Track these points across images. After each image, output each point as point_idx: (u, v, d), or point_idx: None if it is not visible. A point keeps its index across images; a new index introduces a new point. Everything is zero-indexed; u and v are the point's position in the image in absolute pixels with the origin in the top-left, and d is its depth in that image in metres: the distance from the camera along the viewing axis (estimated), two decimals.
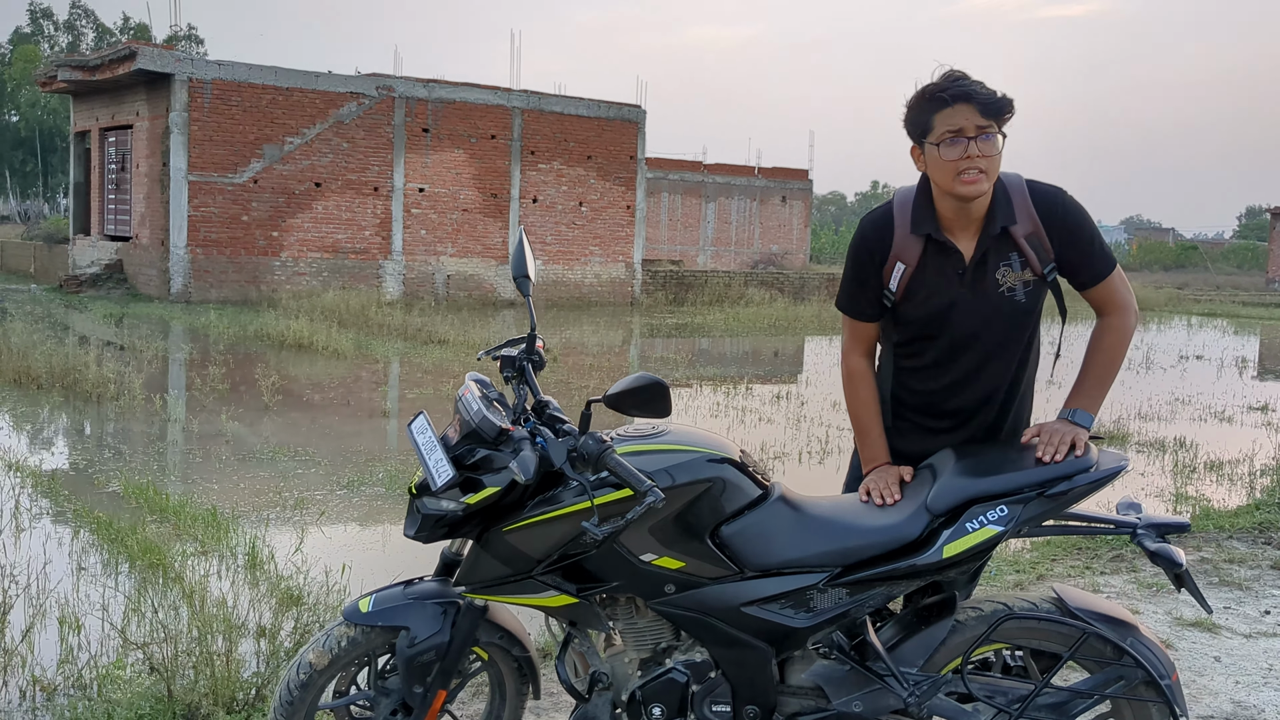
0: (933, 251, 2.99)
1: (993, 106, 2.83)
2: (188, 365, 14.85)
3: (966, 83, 2.85)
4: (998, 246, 2.97)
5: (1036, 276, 3.00)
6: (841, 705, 2.92)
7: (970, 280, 2.99)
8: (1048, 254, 2.97)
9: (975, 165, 2.83)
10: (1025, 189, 2.99)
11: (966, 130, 2.83)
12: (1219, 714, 4.23)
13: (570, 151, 29.62)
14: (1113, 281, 3.03)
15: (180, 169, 24.19)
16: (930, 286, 3.01)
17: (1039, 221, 2.96)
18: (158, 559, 5.91)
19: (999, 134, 2.86)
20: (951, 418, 3.16)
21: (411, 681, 3.04)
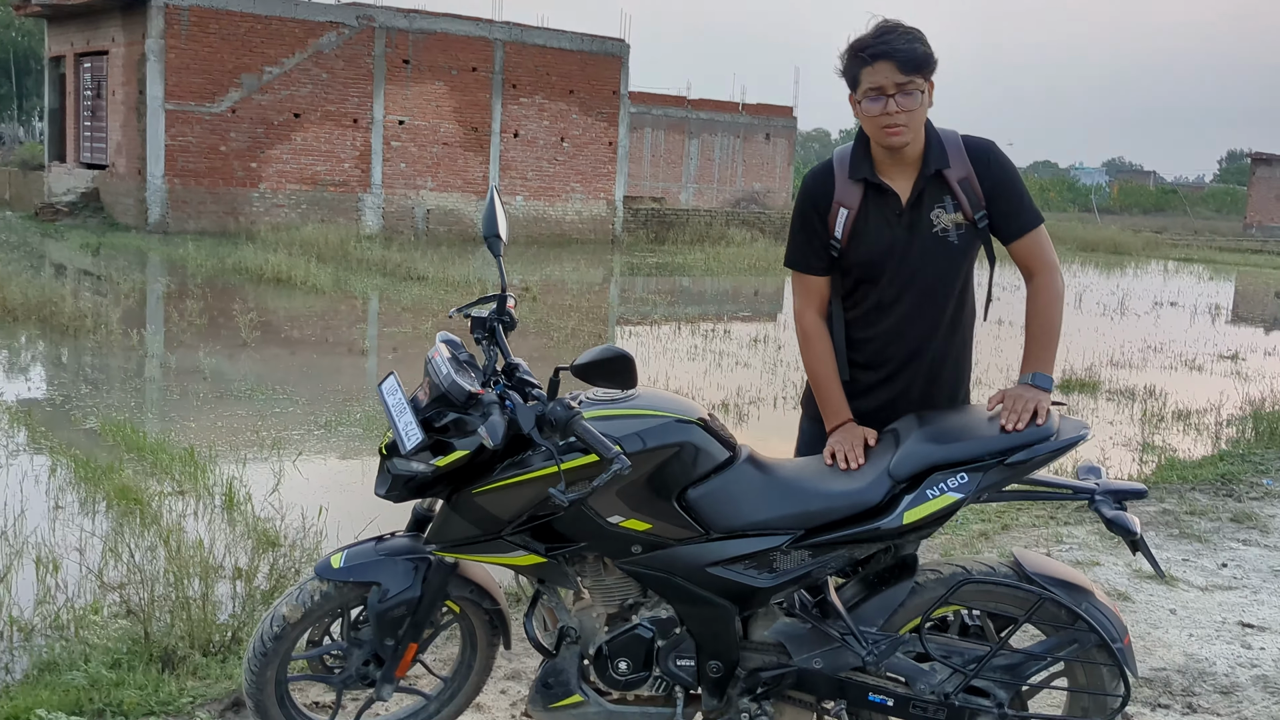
0: (872, 195, 3.11)
1: (911, 64, 2.94)
2: (165, 299, 14.78)
3: (887, 40, 2.95)
4: (932, 189, 3.09)
5: (968, 221, 3.11)
6: (802, 662, 3.01)
7: (908, 221, 3.11)
8: (979, 200, 3.09)
9: (895, 121, 2.96)
10: (959, 138, 3.13)
11: (886, 88, 2.95)
12: (1171, 666, 4.36)
13: (552, 85, 29.31)
14: (1040, 235, 3.16)
15: (157, 97, 23.84)
16: (872, 228, 3.12)
17: (971, 168, 3.08)
18: (135, 499, 5.96)
19: (920, 89, 2.97)
20: (891, 366, 3.21)
21: (383, 635, 3.11)
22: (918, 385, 3.22)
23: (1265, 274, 31.97)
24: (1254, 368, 13.69)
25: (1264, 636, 4.69)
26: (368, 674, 3.18)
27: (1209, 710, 4.00)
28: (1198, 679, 4.25)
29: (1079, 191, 78.83)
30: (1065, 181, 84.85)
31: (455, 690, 3.40)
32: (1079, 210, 69.04)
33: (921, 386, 3.22)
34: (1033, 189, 77.36)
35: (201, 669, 3.97)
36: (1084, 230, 41.64)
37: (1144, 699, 4.05)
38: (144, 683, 3.78)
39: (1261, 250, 41.61)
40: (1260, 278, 30.71)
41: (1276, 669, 4.38)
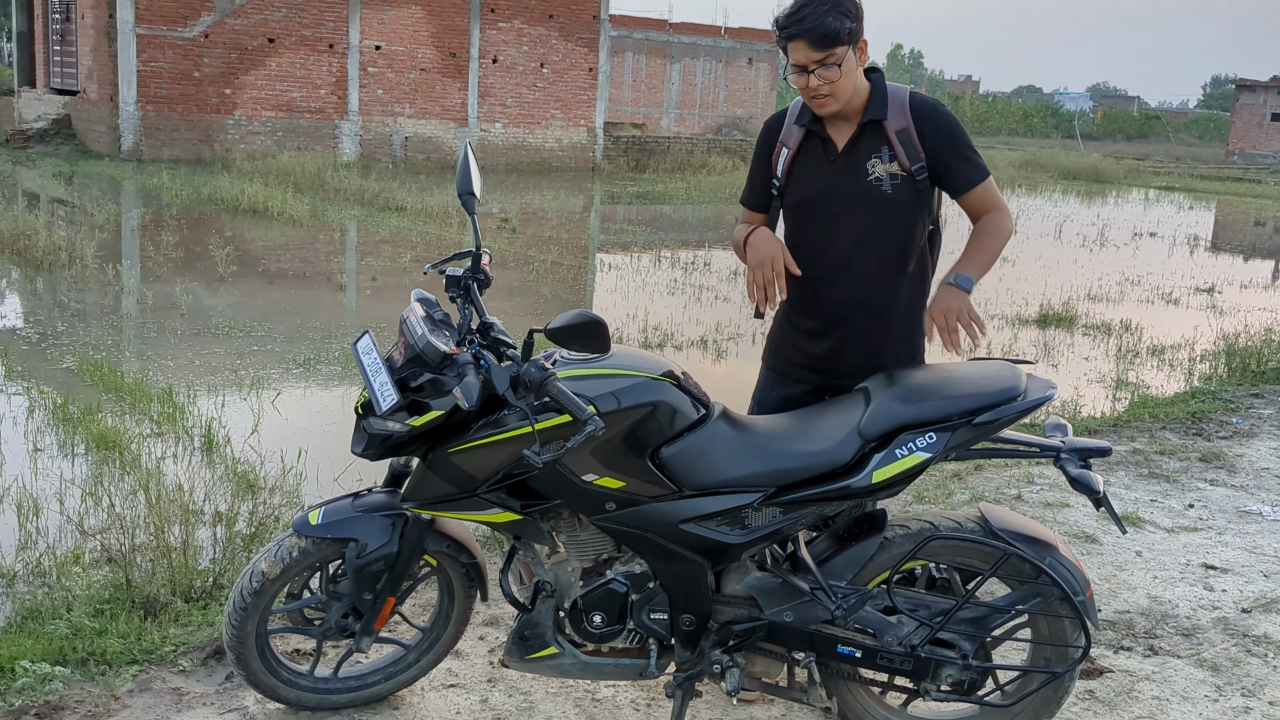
0: (813, 140, 3.23)
1: (824, 40, 3.00)
2: (141, 230, 14.65)
3: (799, 18, 3.01)
4: (870, 139, 3.16)
5: (905, 173, 3.16)
6: (773, 615, 3.07)
7: (842, 167, 3.19)
8: (917, 153, 3.14)
9: (818, 93, 3.07)
10: (906, 94, 3.19)
11: (806, 64, 3.04)
12: (1135, 609, 4.46)
13: (531, 10, 28.87)
14: (987, 186, 3.21)
15: (127, 21, 23.38)
16: (807, 171, 3.24)
17: (911, 122, 3.14)
18: (114, 442, 5.97)
19: (837, 61, 3.03)
20: (829, 313, 3.27)
21: (361, 589, 3.16)
22: (860, 334, 3.25)
23: (1245, 202, 32.06)
24: (1230, 301, 13.79)
25: (1225, 578, 4.80)
26: (347, 626, 3.24)
27: (1170, 652, 4.11)
28: (1160, 621, 4.36)
29: (1063, 117, 78.48)
30: (1049, 107, 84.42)
31: (434, 640, 3.46)
32: (1062, 137, 68.78)
33: (865, 336, 3.25)
34: (1016, 115, 77.14)
35: (183, 616, 4.01)
36: (1066, 158, 41.53)
37: (1107, 641, 4.16)
38: (126, 631, 3.82)
39: (1242, 178, 41.66)
40: (1240, 206, 30.80)
41: (1236, 611, 4.49)
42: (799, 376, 3.40)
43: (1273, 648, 4.17)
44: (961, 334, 3.09)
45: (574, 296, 12.05)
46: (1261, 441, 6.96)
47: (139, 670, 3.61)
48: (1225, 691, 3.84)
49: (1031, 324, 11.38)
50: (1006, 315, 11.77)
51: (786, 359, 3.41)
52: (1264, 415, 7.62)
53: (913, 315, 3.30)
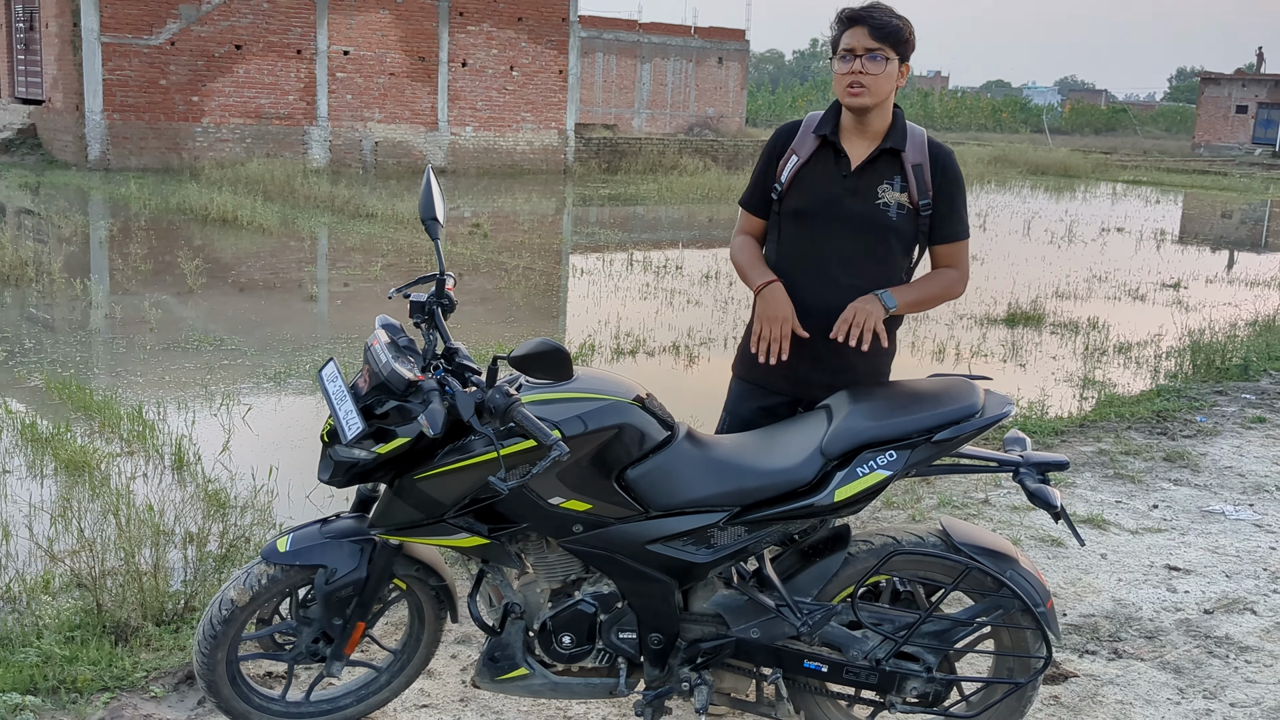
0: (826, 152, 3.30)
1: (881, 31, 3.15)
2: (109, 242, 14.56)
3: (868, 9, 3.19)
4: (885, 165, 3.26)
5: (912, 205, 3.26)
6: (740, 632, 3.11)
7: (853, 184, 3.26)
8: (927, 189, 3.25)
9: (859, 80, 3.16)
10: (925, 135, 3.30)
11: (856, 49, 3.16)
12: (1100, 612, 4.53)
13: (500, 12, 28.84)
14: (963, 247, 3.35)
15: (92, 29, 23.21)
16: (814, 181, 3.29)
17: (928, 160, 3.26)
18: (84, 463, 5.95)
19: (888, 58, 3.17)
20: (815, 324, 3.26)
21: (331, 615, 3.18)
22: (837, 349, 3.25)
23: (1212, 195, 32.40)
24: (1195, 297, 13.95)
25: (1188, 580, 4.88)
26: (318, 651, 3.25)
27: (1134, 655, 4.17)
28: (1124, 624, 4.43)
29: (1031, 111, 79.00)
30: (1017, 102, 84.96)
31: (405, 662, 3.48)
32: (1031, 131, 69.26)
33: (842, 351, 3.26)
34: (985, 110, 77.57)
35: (155, 640, 4.01)
36: (1035, 153, 41.84)
37: (1072, 646, 4.22)
38: (97, 657, 3.82)
39: (1209, 170, 42.10)
40: (1206, 199, 31.12)
41: (1199, 612, 4.56)
42: (775, 387, 3.41)
43: (1234, 649, 4.25)
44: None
45: (546, 303, 12.07)
46: (1225, 440, 7.05)
47: (111, 698, 3.62)
48: (1187, 694, 3.91)
49: (1000, 323, 11.48)
50: (975, 315, 11.87)
51: (762, 370, 3.38)
52: (1227, 413, 7.73)
53: (891, 335, 3.34)
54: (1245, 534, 5.44)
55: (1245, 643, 4.30)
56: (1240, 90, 55.45)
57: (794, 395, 3.39)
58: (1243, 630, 4.40)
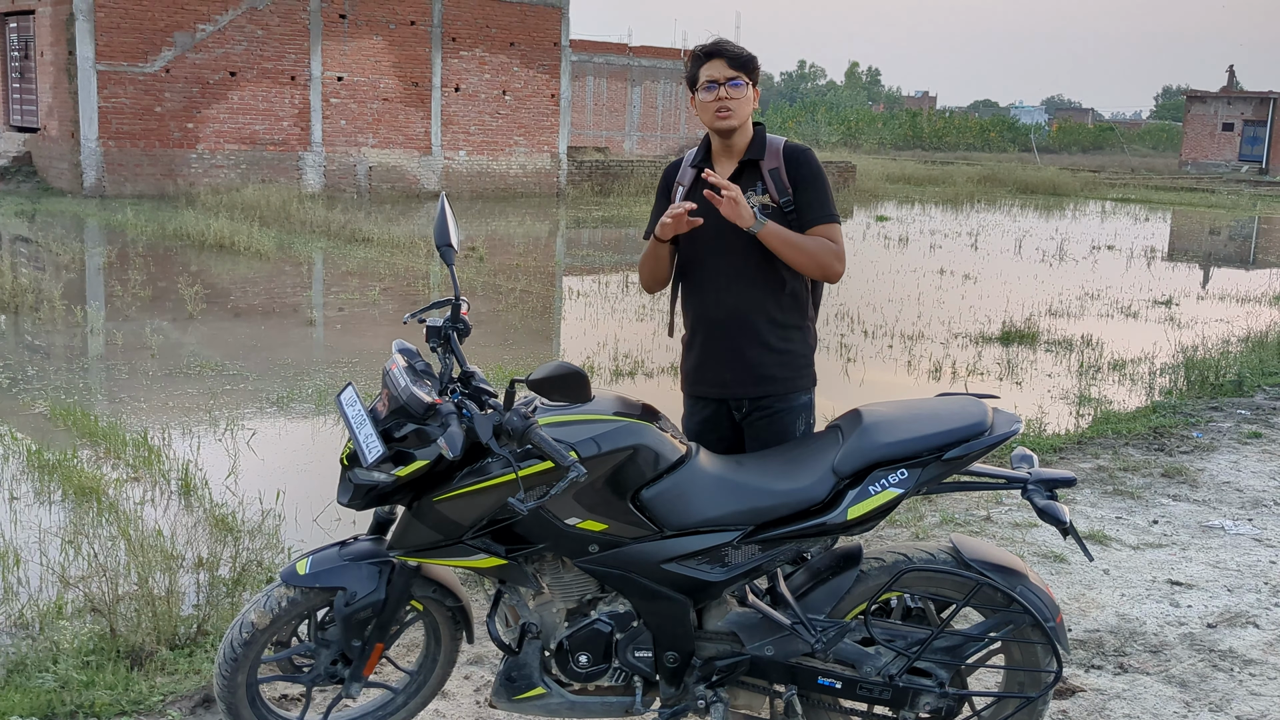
0: (702, 179, 3.58)
1: (737, 60, 3.53)
2: (107, 269, 14.59)
3: (720, 44, 3.56)
4: (748, 175, 3.60)
5: (774, 204, 3.54)
6: (754, 650, 3.16)
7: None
8: (785, 188, 3.56)
9: (725, 105, 3.51)
10: (782, 142, 3.64)
11: (719, 79, 3.52)
12: (1104, 627, 4.58)
13: (493, 38, 29.00)
14: (832, 229, 3.56)
15: (88, 58, 23.30)
16: (696, 202, 3.54)
17: (783, 163, 3.58)
18: (92, 486, 5.98)
19: (746, 83, 3.54)
20: (703, 328, 3.64)
21: (350, 637, 3.21)
22: (743, 347, 3.57)
23: (1200, 212, 32.61)
24: (1187, 313, 14.05)
25: (1191, 594, 4.93)
26: (336, 673, 3.29)
27: (1139, 669, 4.22)
28: (1129, 639, 4.48)
29: (1019, 131, 79.46)
30: (1005, 121, 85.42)
31: (421, 683, 3.52)
32: (1019, 150, 69.64)
33: (748, 348, 3.57)
34: (973, 130, 77.98)
35: (170, 664, 4.05)
36: (1023, 172, 42.07)
37: (1079, 661, 4.27)
38: (114, 682, 3.85)
39: (1196, 188, 42.37)
40: (1195, 216, 31.33)
41: (1202, 626, 4.62)
42: (703, 393, 3.69)
43: (1238, 662, 4.30)
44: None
45: (543, 325, 12.13)
46: (1221, 455, 7.12)
47: None
48: (1194, 707, 3.96)
49: (994, 341, 11.56)
50: (970, 333, 11.95)
51: (691, 380, 3.72)
52: (1223, 428, 7.80)
53: (793, 333, 3.62)
54: (1245, 548, 5.50)
55: (1249, 656, 4.35)
56: (1226, 108, 55.86)
57: (720, 399, 3.65)
58: (1246, 644, 4.46)
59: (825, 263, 3.50)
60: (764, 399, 3.58)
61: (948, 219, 27.18)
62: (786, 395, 3.59)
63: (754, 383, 3.57)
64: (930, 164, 51.27)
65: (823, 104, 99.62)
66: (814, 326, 3.73)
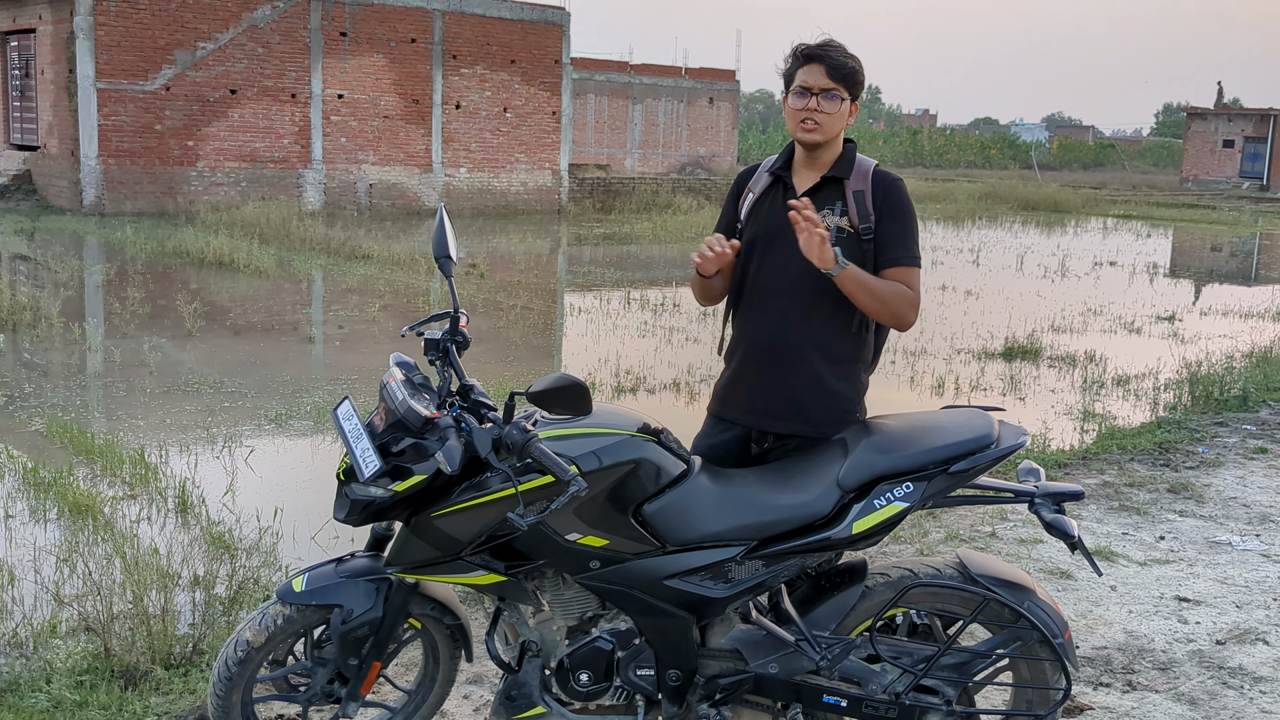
0: (777, 186, 3.43)
1: (838, 71, 3.25)
2: (106, 287, 14.56)
3: (825, 48, 3.28)
4: (829, 192, 3.34)
5: (852, 230, 3.29)
6: (759, 667, 3.10)
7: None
8: (868, 214, 3.29)
9: (814, 117, 3.25)
10: (873, 165, 3.38)
11: (813, 87, 3.25)
12: (1112, 644, 4.52)
13: (493, 56, 29.06)
14: (911, 274, 3.27)
15: (88, 76, 23.34)
16: (766, 212, 3.40)
17: (871, 187, 3.31)
18: (88, 504, 5.92)
19: (843, 98, 3.27)
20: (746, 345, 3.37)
21: (347, 655, 3.16)
22: (790, 374, 3.30)
23: (1201, 228, 32.60)
24: (1190, 329, 14.01)
25: (1199, 610, 4.87)
26: (332, 691, 3.23)
27: (1148, 687, 4.16)
28: (1137, 656, 4.41)
29: (1020, 148, 79.56)
30: (1006, 138, 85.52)
31: (419, 702, 3.46)
32: (1020, 167, 69.74)
33: (794, 377, 3.29)
34: (974, 147, 78.08)
35: (164, 684, 3.99)
36: (1025, 189, 42.09)
37: (1086, 678, 4.21)
38: (107, 702, 3.80)
39: (1197, 204, 42.38)
40: (1196, 232, 31.32)
41: (1211, 643, 4.55)
42: (733, 417, 3.42)
43: (1248, 679, 4.24)
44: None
45: (544, 342, 12.08)
46: (1228, 471, 7.06)
47: None
48: None
49: (997, 357, 11.51)
50: (973, 349, 11.90)
51: (722, 400, 3.46)
52: (1229, 444, 7.74)
53: (846, 373, 3.34)
54: (1253, 564, 5.44)
55: (1259, 673, 4.29)
56: (1226, 125, 55.91)
57: (746, 425, 3.40)
58: (1256, 660, 4.39)
59: (900, 312, 3.22)
60: (791, 437, 3.31)
61: (949, 235, 27.17)
62: (817, 439, 3.26)
63: (788, 417, 3.29)
64: (931, 181, 51.31)
65: None
66: (869, 371, 3.45)
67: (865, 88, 3.34)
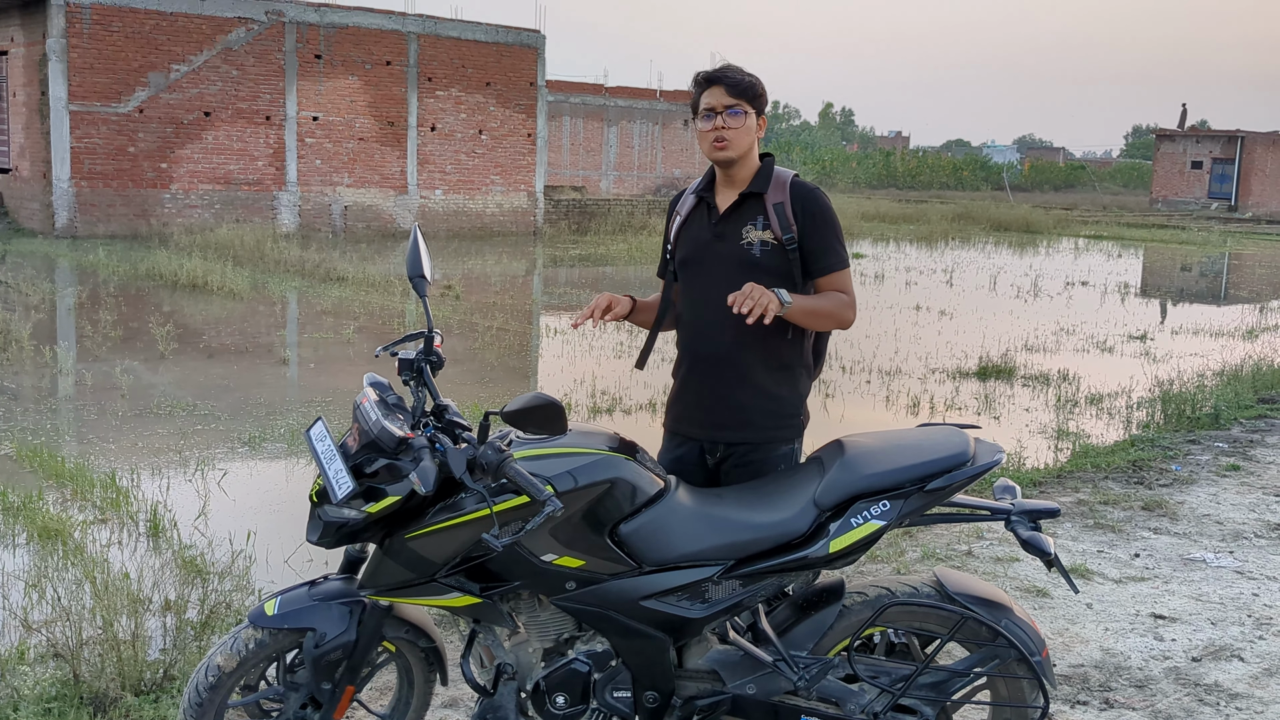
0: (700, 207, 3.56)
1: (737, 88, 3.38)
2: (77, 310, 14.44)
3: (722, 70, 3.42)
4: (750, 208, 3.45)
5: (776, 241, 3.40)
6: (736, 688, 3.08)
7: (720, 230, 3.47)
8: (789, 224, 3.39)
9: (722, 134, 3.37)
10: (790, 176, 3.48)
11: (716, 107, 3.38)
12: (1089, 662, 4.52)
13: (469, 78, 29.10)
14: (844, 276, 3.43)
15: (60, 98, 23.21)
16: (692, 232, 3.54)
17: (790, 198, 3.41)
18: (57, 531, 5.85)
19: (746, 112, 3.39)
20: (689, 360, 3.51)
21: (320, 679, 3.12)
22: (733, 386, 3.42)
23: (1171, 248, 32.92)
24: (1162, 348, 14.11)
25: (1175, 627, 4.88)
26: (305, 717, 3.19)
27: (1125, 705, 4.16)
28: (1114, 673, 4.42)
29: (992, 170, 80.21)
30: (978, 160, 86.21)
31: None
32: (992, 189, 70.28)
33: (738, 388, 3.41)
34: (946, 169, 78.67)
35: (134, 711, 3.93)
36: (997, 210, 42.40)
37: (1064, 696, 4.20)
38: None
39: (1167, 225, 42.81)
40: (1166, 253, 31.61)
41: (1187, 660, 4.56)
42: (685, 431, 3.53)
43: (1224, 695, 4.25)
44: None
45: (520, 363, 12.05)
46: (1200, 488, 7.10)
47: None
48: None
49: (971, 376, 11.55)
50: (947, 369, 11.95)
51: (675, 415, 3.58)
52: (1201, 461, 7.79)
53: (786, 377, 3.45)
54: (1228, 581, 5.47)
55: (1235, 690, 4.30)
56: (1195, 146, 56.56)
57: (701, 439, 3.48)
58: (1232, 677, 4.41)
59: (842, 317, 3.38)
60: (740, 445, 3.41)
61: (923, 256, 27.33)
62: (765, 444, 3.40)
63: (734, 426, 3.40)
64: (904, 202, 51.65)
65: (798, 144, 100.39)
66: (810, 374, 3.54)
67: (767, 101, 3.45)
